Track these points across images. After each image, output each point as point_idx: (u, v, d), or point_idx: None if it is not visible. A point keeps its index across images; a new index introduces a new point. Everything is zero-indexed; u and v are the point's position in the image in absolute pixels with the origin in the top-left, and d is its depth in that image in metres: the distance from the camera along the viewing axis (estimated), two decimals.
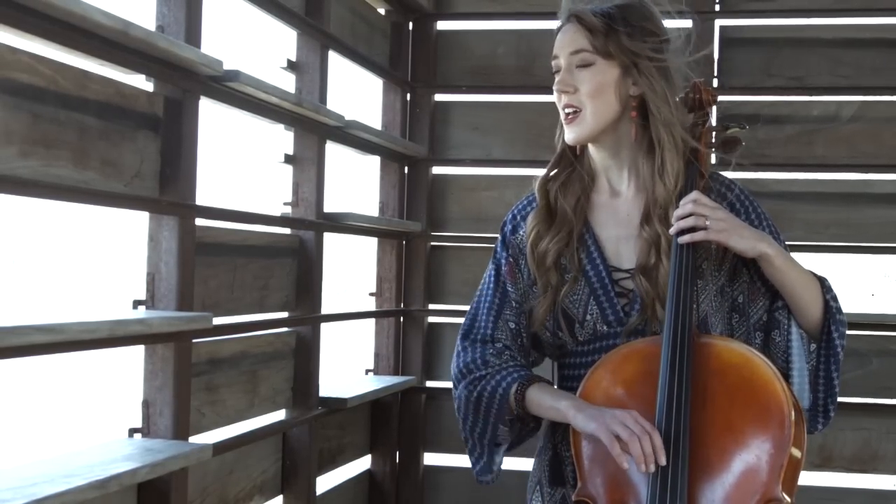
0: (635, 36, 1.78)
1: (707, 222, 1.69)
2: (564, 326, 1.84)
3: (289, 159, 3.05)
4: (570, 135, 1.81)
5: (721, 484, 1.61)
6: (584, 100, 1.78)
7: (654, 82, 1.77)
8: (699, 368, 1.67)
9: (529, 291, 1.88)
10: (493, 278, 1.91)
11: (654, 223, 1.79)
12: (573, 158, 1.87)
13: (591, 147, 1.86)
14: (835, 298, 1.77)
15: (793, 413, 1.62)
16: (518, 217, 1.92)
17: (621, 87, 1.78)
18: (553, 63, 1.82)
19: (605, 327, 1.81)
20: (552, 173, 1.88)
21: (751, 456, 1.61)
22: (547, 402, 1.76)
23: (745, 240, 1.70)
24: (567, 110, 1.80)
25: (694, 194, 1.72)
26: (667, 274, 1.75)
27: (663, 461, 1.59)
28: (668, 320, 1.69)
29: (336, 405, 3.13)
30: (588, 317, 1.82)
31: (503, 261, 1.91)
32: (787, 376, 1.78)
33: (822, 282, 1.78)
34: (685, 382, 1.64)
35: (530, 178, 1.90)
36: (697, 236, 1.70)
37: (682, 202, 1.73)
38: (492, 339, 1.87)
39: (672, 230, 1.72)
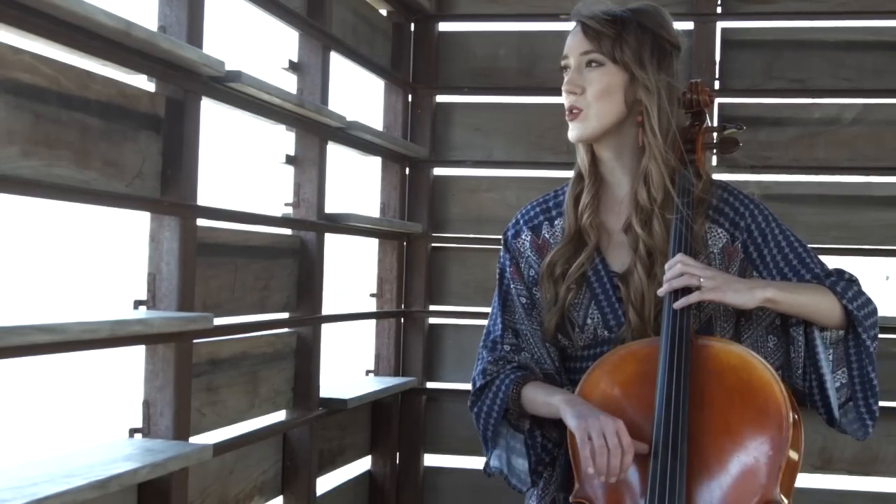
0: (645, 44, 1.77)
1: (700, 281, 1.66)
2: (566, 331, 1.83)
3: (290, 160, 3.05)
4: (572, 132, 1.80)
5: (719, 485, 1.61)
6: (590, 101, 1.77)
7: (653, 93, 1.76)
8: (697, 370, 1.67)
9: (533, 290, 1.88)
10: (497, 283, 1.92)
11: (634, 228, 1.78)
12: (592, 172, 1.85)
13: (595, 148, 1.84)
14: (852, 300, 1.71)
15: (791, 415, 1.61)
16: (521, 222, 1.92)
17: (628, 91, 1.78)
18: (562, 63, 1.81)
19: (605, 332, 1.80)
20: (582, 195, 1.85)
21: (749, 457, 1.61)
22: (540, 397, 1.76)
23: (741, 293, 1.66)
24: (573, 110, 1.80)
25: (680, 256, 1.69)
26: (640, 280, 1.75)
27: (617, 479, 1.59)
28: (665, 322, 1.69)
29: (336, 406, 3.13)
30: (589, 321, 1.81)
31: (507, 263, 1.91)
32: (810, 393, 1.74)
33: (835, 289, 1.71)
34: (683, 384, 1.64)
35: (531, 179, 1.90)
36: (693, 298, 1.66)
37: (668, 265, 1.69)
38: (501, 340, 1.88)
39: (662, 290, 1.69)
